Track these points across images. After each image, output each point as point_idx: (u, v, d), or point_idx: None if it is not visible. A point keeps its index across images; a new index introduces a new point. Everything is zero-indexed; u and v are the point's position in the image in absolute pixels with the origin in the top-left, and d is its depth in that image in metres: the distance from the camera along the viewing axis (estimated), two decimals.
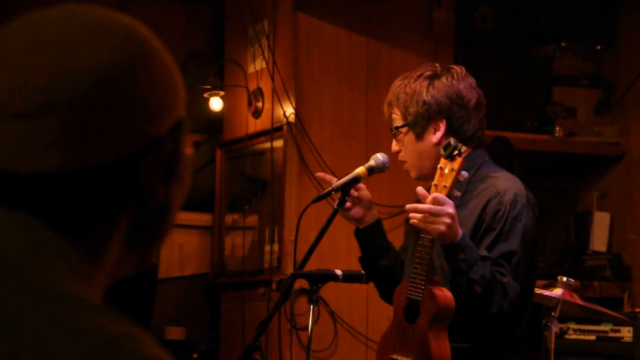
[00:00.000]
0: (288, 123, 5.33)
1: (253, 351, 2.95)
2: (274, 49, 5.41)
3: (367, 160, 3.22)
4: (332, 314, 5.24)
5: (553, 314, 3.54)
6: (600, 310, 3.87)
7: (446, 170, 2.89)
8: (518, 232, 3.00)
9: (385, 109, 3.23)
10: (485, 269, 2.89)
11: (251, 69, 5.65)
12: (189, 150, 1.18)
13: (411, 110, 3.11)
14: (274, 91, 5.42)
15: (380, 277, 3.32)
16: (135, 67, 1.09)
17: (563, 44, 5.87)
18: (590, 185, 5.97)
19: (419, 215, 2.86)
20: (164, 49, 1.14)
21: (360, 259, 3.31)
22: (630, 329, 4.77)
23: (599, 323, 4.88)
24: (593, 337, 4.91)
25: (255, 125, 5.61)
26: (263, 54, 5.49)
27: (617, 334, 4.83)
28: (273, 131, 5.43)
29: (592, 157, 5.84)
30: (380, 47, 5.48)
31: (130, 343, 0.99)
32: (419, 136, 3.12)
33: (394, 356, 2.98)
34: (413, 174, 3.20)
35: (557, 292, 3.59)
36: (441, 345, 2.92)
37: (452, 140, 2.89)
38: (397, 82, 3.19)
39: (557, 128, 5.71)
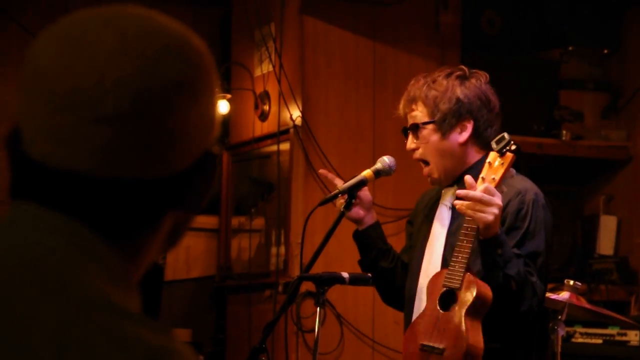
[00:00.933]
0: (295, 126, 5.33)
1: (259, 353, 2.95)
2: (280, 52, 5.42)
3: (374, 163, 3.22)
4: (338, 316, 5.24)
5: (560, 317, 3.54)
6: (607, 314, 3.87)
7: (495, 164, 2.88)
8: (542, 233, 3.03)
9: (401, 105, 3.20)
10: (520, 266, 2.91)
11: (258, 72, 5.66)
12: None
13: (442, 107, 3.10)
14: (280, 94, 5.42)
15: (381, 280, 3.32)
16: (206, 81, 1.11)
17: (570, 48, 5.86)
18: (597, 189, 5.96)
19: (467, 202, 2.85)
20: (211, 59, 1.15)
21: (360, 262, 3.31)
22: (637, 332, 4.76)
23: (605, 326, 4.87)
24: (600, 341, 4.91)
25: (262, 128, 5.62)
26: (270, 57, 5.49)
27: (623, 338, 4.82)
28: (280, 134, 5.43)
29: (598, 161, 5.83)
30: (386, 50, 5.48)
31: (172, 357, 1.00)
32: (445, 135, 3.12)
33: (426, 342, 2.96)
34: (435, 177, 3.15)
35: (564, 295, 3.59)
36: (477, 335, 2.91)
37: (505, 135, 2.89)
38: (420, 80, 3.17)
39: (564, 132, 5.71)
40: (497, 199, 2.84)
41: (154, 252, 1.13)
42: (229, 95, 5.65)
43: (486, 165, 2.89)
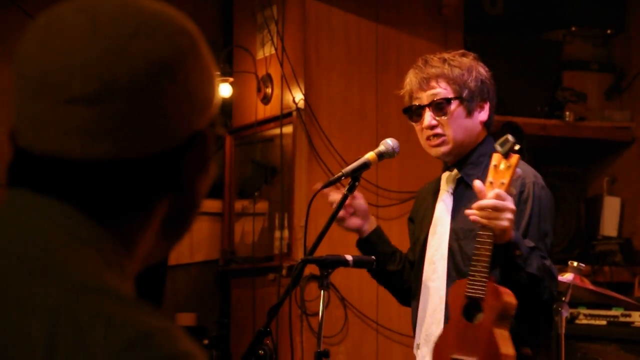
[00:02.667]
0: (297, 109, 5.32)
1: (264, 337, 2.95)
2: (283, 35, 5.40)
3: (377, 145, 3.21)
4: (342, 299, 5.25)
5: (564, 298, 3.53)
6: (610, 295, 3.87)
7: (501, 167, 2.86)
8: (545, 213, 3.04)
9: (413, 83, 3.15)
10: (538, 260, 2.92)
11: (260, 55, 5.64)
12: (214, 144, 1.19)
13: (470, 84, 3.11)
14: (283, 77, 5.41)
15: (392, 283, 3.33)
16: (188, 60, 1.10)
17: (573, 29, 5.84)
18: (600, 170, 5.96)
19: (481, 212, 2.84)
20: (207, 46, 1.15)
21: (368, 270, 3.30)
22: None
23: (609, 308, 4.87)
24: (604, 322, 4.91)
25: (265, 111, 5.61)
26: (272, 40, 5.48)
27: (628, 319, 4.82)
28: (282, 117, 5.43)
29: (602, 142, 5.82)
30: (389, 33, 5.46)
31: (164, 338, 1.00)
32: (470, 112, 3.13)
33: (457, 356, 2.94)
34: (445, 149, 3.12)
35: (568, 277, 3.59)
36: (507, 343, 2.89)
37: (509, 137, 2.88)
38: (434, 59, 3.15)
39: (567, 113, 5.69)
40: (510, 203, 2.84)
41: (149, 241, 1.12)
42: (231, 79, 5.64)
43: (492, 168, 2.87)
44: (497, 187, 2.84)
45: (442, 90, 3.12)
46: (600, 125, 5.78)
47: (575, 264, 3.63)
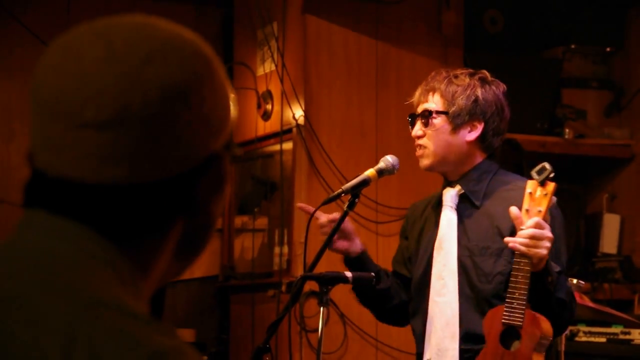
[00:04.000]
0: (297, 125, 5.33)
1: (263, 353, 2.95)
2: (283, 52, 5.42)
3: (377, 162, 3.22)
4: (342, 316, 5.24)
5: None
6: (610, 313, 3.87)
7: (537, 194, 2.89)
8: (561, 232, 3.09)
9: (417, 94, 3.22)
10: (566, 283, 2.96)
11: (260, 72, 5.66)
12: (230, 165, 1.19)
13: (460, 101, 3.13)
14: (283, 93, 5.42)
15: (378, 301, 3.33)
16: (202, 84, 1.11)
17: (573, 46, 5.86)
18: (600, 187, 5.96)
19: (521, 240, 2.87)
20: (222, 68, 1.16)
21: (354, 289, 3.31)
22: None
23: (609, 325, 4.86)
24: (603, 340, 4.90)
25: (265, 127, 5.62)
26: (272, 56, 5.49)
27: (627, 336, 4.81)
28: (282, 133, 5.44)
29: (602, 159, 5.83)
30: (389, 49, 5.48)
31: (178, 358, 1.00)
32: (455, 129, 3.14)
33: None
34: (427, 162, 3.18)
35: None
36: None
37: (546, 165, 2.92)
38: (442, 73, 3.20)
39: (567, 130, 5.70)
40: (548, 232, 2.88)
41: (164, 262, 1.12)
42: (231, 95, 5.65)
43: (527, 195, 2.91)
44: (534, 214, 2.87)
45: (433, 103, 3.16)
46: (600, 143, 5.78)
47: (575, 281, 3.63)
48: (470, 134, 3.16)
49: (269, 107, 5.57)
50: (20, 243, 1.08)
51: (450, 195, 3.20)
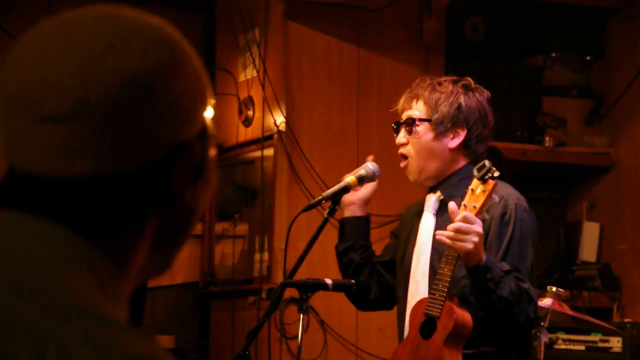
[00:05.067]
0: (279, 132, 5.33)
1: None
2: (264, 58, 5.41)
3: (358, 168, 3.23)
4: (321, 323, 5.24)
5: (542, 324, 3.54)
6: (589, 321, 3.87)
7: (477, 192, 2.90)
8: (528, 236, 3.07)
9: (402, 101, 3.24)
10: (511, 283, 2.93)
11: (242, 78, 5.65)
12: (214, 152, 1.16)
13: (442, 109, 3.14)
14: (264, 100, 5.42)
15: (347, 272, 3.35)
16: (167, 71, 1.08)
17: (553, 55, 5.88)
18: (579, 196, 5.98)
19: (446, 232, 2.87)
20: (193, 52, 1.13)
21: (336, 247, 3.36)
22: (620, 339, 4.77)
23: (588, 333, 4.88)
24: (582, 347, 4.92)
25: (246, 133, 5.61)
26: (254, 62, 5.49)
27: (606, 344, 4.83)
28: (264, 140, 5.43)
29: (581, 168, 5.85)
30: (370, 56, 5.48)
31: None
32: (438, 136, 3.15)
33: None
34: (413, 176, 3.21)
35: (547, 302, 3.59)
36: None
37: (486, 162, 2.91)
38: (426, 80, 3.23)
39: (547, 138, 5.72)
40: (477, 227, 2.86)
41: (142, 256, 1.11)
42: (213, 101, 5.63)
43: (469, 192, 2.92)
44: (469, 210, 2.88)
45: (416, 111, 3.17)
46: (580, 151, 5.81)
47: (554, 289, 3.63)
48: (453, 141, 3.17)
49: (250, 113, 5.56)
50: None
51: (431, 201, 3.22)
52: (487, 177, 2.89)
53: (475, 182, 2.91)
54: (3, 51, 1.09)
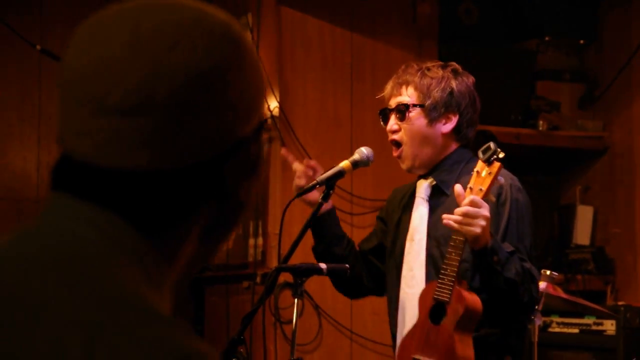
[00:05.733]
0: (272, 117, 5.32)
1: (237, 345, 2.95)
2: (257, 43, 5.40)
3: (352, 154, 3.22)
4: (316, 307, 5.25)
5: (537, 307, 3.55)
6: (583, 304, 3.89)
7: (483, 174, 2.87)
8: (524, 215, 3.07)
9: (389, 87, 3.22)
10: (516, 264, 2.93)
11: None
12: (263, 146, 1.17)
13: (435, 94, 3.13)
14: None
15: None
16: (230, 68, 1.08)
17: (547, 39, 5.88)
18: (573, 179, 5.99)
19: (454, 217, 2.85)
20: (253, 48, 1.13)
21: (313, 249, 3.33)
22: (613, 322, 4.79)
23: (582, 316, 4.90)
24: (576, 330, 4.94)
25: None
26: None
27: (600, 327, 4.85)
28: None
29: (575, 151, 5.85)
30: (364, 41, 5.48)
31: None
32: (431, 122, 3.14)
33: (417, 356, 2.97)
34: (407, 164, 3.20)
35: (541, 285, 3.61)
36: (466, 348, 2.91)
37: (492, 145, 2.90)
38: (414, 66, 3.20)
39: (541, 122, 5.72)
40: (484, 210, 2.85)
41: (191, 248, 1.11)
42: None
43: (474, 174, 2.90)
44: (475, 193, 2.86)
45: (407, 97, 3.16)
46: (573, 135, 5.81)
47: (548, 272, 3.65)
48: (446, 126, 3.16)
49: None
50: (45, 227, 1.07)
51: (423, 187, 3.21)
52: (492, 158, 2.88)
53: (480, 164, 2.89)
54: (4, 47, 1.09)
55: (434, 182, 3.19)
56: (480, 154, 2.90)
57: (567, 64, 5.96)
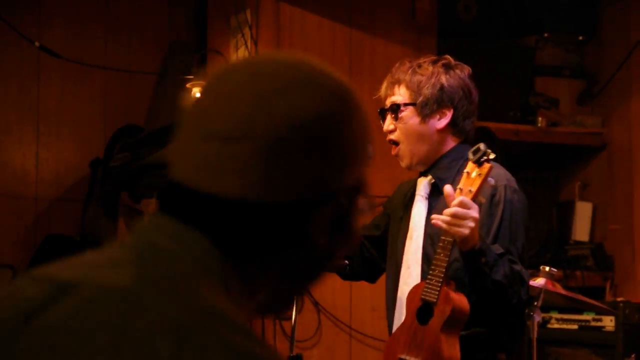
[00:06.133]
0: None
1: None
2: (256, 39, 5.40)
3: None
4: (315, 304, 5.25)
5: (535, 303, 3.55)
6: (582, 300, 3.89)
7: (473, 175, 2.86)
8: (518, 217, 3.05)
9: (384, 87, 3.22)
10: (505, 267, 2.91)
11: (234, 59, 5.63)
12: (366, 208, 1.21)
13: (425, 91, 3.12)
14: None
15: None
16: (332, 123, 1.16)
17: (546, 35, 5.87)
18: (572, 176, 5.99)
19: (443, 217, 2.85)
20: (363, 110, 1.22)
21: None
22: (612, 318, 4.79)
23: (581, 312, 4.90)
24: (575, 327, 4.94)
25: None
26: (246, 43, 5.47)
27: (599, 323, 4.85)
28: None
29: (574, 148, 5.85)
30: (363, 37, 5.47)
31: None
32: (424, 119, 3.14)
33: (403, 356, 2.97)
34: (405, 161, 3.20)
35: (540, 281, 3.61)
36: (452, 349, 2.90)
37: (482, 146, 2.89)
38: (406, 64, 3.20)
39: (540, 118, 5.72)
40: (473, 212, 2.84)
41: (271, 285, 1.17)
42: (204, 82, 5.63)
43: (464, 175, 2.89)
44: (465, 194, 2.86)
45: (400, 96, 3.16)
46: (572, 131, 5.81)
47: (547, 268, 3.64)
48: (440, 122, 3.15)
49: None
50: (149, 246, 1.14)
51: (422, 185, 3.21)
52: (482, 159, 2.87)
53: (470, 165, 2.88)
54: (3, 44, 1.11)
55: (433, 180, 3.19)
56: (471, 155, 2.89)
57: (566, 60, 5.96)
